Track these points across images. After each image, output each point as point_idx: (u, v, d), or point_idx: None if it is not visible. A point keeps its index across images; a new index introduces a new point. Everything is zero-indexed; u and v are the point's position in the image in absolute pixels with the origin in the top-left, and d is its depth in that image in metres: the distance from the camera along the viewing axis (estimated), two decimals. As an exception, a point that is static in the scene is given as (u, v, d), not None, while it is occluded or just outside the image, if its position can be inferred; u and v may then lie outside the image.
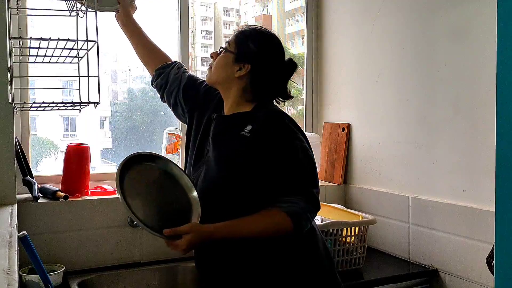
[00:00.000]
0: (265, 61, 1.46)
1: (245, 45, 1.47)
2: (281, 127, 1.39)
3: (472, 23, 1.82)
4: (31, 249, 1.29)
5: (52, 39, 1.34)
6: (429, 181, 2.01)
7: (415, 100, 2.07)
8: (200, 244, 1.34)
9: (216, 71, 1.50)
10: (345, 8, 2.47)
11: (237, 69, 1.46)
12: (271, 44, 1.49)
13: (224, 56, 1.49)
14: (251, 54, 1.46)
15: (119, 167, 1.37)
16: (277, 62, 1.48)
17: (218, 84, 1.52)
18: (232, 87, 1.48)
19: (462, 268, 1.86)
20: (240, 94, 1.48)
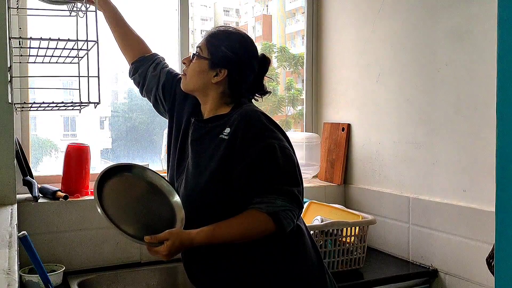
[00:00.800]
0: (241, 64, 1.44)
1: (218, 49, 1.43)
2: (257, 125, 1.36)
3: (473, 23, 1.82)
4: (31, 249, 1.30)
5: (52, 39, 1.34)
6: (429, 181, 2.01)
7: (415, 100, 2.07)
8: (181, 250, 1.34)
9: (192, 79, 1.46)
10: (345, 8, 2.47)
11: (213, 75, 1.43)
12: (244, 45, 1.47)
13: (198, 63, 1.45)
14: (227, 59, 1.42)
15: (96, 180, 1.35)
16: (251, 62, 1.46)
17: (195, 90, 1.48)
18: (210, 93, 1.46)
19: (462, 268, 1.86)
20: (218, 98, 1.45)
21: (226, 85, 1.44)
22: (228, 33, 1.48)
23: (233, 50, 1.43)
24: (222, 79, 1.43)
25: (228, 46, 1.43)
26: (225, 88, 1.45)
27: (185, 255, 1.49)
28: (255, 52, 1.49)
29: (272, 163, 1.32)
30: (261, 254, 1.37)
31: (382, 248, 2.24)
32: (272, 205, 1.29)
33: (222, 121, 1.41)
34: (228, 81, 1.44)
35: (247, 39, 1.49)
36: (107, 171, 1.40)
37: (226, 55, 1.43)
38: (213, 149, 1.38)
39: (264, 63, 1.49)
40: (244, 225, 1.32)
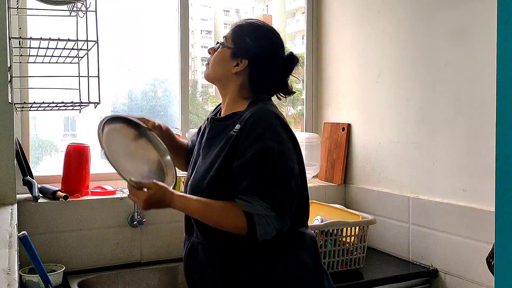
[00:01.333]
0: (262, 56, 1.41)
1: (242, 40, 1.42)
2: (262, 126, 1.31)
3: (472, 23, 1.82)
4: (31, 249, 1.30)
5: (52, 39, 1.34)
6: (429, 181, 2.01)
7: (415, 100, 2.07)
8: (159, 205, 1.31)
9: (213, 67, 1.46)
10: (345, 8, 2.47)
11: (234, 64, 1.41)
12: (268, 38, 1.44)
13: (221, 52, 1.44)
14: (248, 49, 1.41)
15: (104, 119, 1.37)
16: (275, 57, 1.43)
17: (216, 80, 1.47)
18: (229, 84, 1.44)
19: (462, 268, 1.86)
20: (237, 90, 1.43)
21: (246, 77, 1.42)
22: (255, 25, 1.46)
23: (256, 41, 1.42)
24: (242, 69, 1.41)
25: (251, 37, 1.42)
26: (244, 79, 1.42)
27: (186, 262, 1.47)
28: (280, 48, 1.45)
29: (264, 166, 1.28)
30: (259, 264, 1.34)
31: (382, 248, 2.24)
32: (250, 206, 1.25)
33: (236, 118, 1.39)
34: (248, 72, 1.41)
35: (274, 33, 1.46)
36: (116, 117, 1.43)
37: (248, 45, 1.41)
38: (222, 146, 1.36)
39: (291, 62, 1.45)
40: (220, 212, 1.29)
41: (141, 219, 1.99)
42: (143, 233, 2.04)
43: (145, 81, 2.48)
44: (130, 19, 2.31)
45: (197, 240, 1.41)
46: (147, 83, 2.48)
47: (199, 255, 1.41)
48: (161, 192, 1.30)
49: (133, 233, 2.02)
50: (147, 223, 2.02)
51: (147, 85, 2.48)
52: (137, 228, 2.02)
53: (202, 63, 2.77)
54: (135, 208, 1.98)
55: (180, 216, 2.09)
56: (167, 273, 2.03)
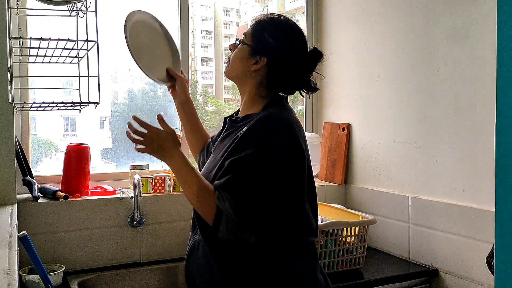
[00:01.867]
0: (282, 54, 1.37)
1: (261, 36, 1.38)
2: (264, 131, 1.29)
3: (472, 23, 1.82)
4: (31, 249, 1.30)
5: (52, 39, 1.35)
6: (429, 181, 2.01)
7: (415, 100, 2.07)
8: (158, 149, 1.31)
9: (233, 65, 1.42)
10: (345, 8, 2.47)
11: (253, 62, 1.38)
12: (288, 34, 1.40)
13: (241, 49, 1.41)
14: (267, 47, 1.37)
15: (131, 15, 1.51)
16: (296, 53, 1.38)
17: (235, 78, 1.44)
18: (248, 81, 1.41)
19: (462, 268, 1.86)
20: (256, 88, 1.40)
21: (264, 75, 1.38)
22: (275, 21, 1.41)
23: (275, 38, 1.37)
24: (261, 67, 1.37)
25: (271, 34, 1.38)
26: (263, 78, 1.38)
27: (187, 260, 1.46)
28: (302, 44, 1.41)
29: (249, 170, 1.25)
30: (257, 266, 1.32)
31: (382, 248, 2.24)
32: (221, 202, 1.25)
33: (249, 120, 1.36)
34: (267, 70, 1.37)
35: (295, 29, 1.41)
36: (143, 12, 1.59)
37: (267, 42, 1.37)
38: (227, 146, 1.35)
39: (314, 57, 1.40)
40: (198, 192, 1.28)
41: (141, 219, 1.99)
42: (143, 233, 2.04)
43: (145, 81, 2.48)
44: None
45: (198, 237, 1.41)
46: (147, 83, 2.48)
47: (199, 253, 1.40)
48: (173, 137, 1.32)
49: (133, 233, 2.02)
50: (147, 223, 2.02)
51: (147, 85, 2.48)
52: (137, 228, 2.02)
53: (202, 63, 2.77)
54: (135, 208, 1.98)
55: (180, 216, 2.10)
56: (167, 273, 2.03)
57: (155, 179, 2.11)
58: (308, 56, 1.41)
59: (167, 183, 2.11)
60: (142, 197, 2.00)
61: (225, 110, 2.70)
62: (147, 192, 2.08)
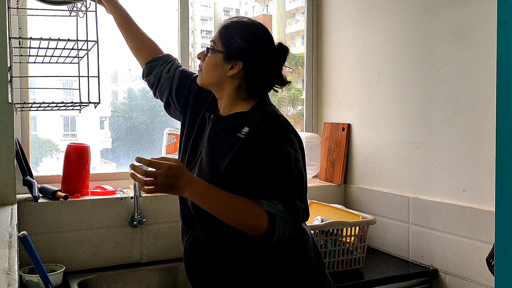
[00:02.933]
0: (256, 54, 1.39)
1: (232, 41, 1.39)
2: (278, 131, 1.33)
3: (472, 23, 1.82)
4: (31, 249, 1.30)
5: (52, 39, 1.34)
6: (429, 181, 2.01)
7: (415, 100, 2.07)
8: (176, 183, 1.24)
9: (207, 73, 1.43)
10: (345, 8, 2.47)
11: (229, 67, 1.39)
12: (259, 35, 1.42)
13: (213, 56, 1.41)
14: (241, 50, 1.38)
15: None
16: (267, 52, 1.41)
17: (211, 85, 1.45)
18: (225, 87, 1.42)
19: (462, 268, 1.86)
20: (235, 92, 1.41)
21: (242, 78, 1.40)
22: (241, 23, 1.42)
23: (247, 40, 1.39)
24: (238, 71, 1.38)
25: (242, 37, 1.39)
26: (241, 81, 1.40)
27: (187, 255, 1.46)
28: (270, 42, 1.43)
29: (284, 172, 1.29)
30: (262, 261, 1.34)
31: (382, 248, 2.24)
32: (272, 207, 1.26)
33: (241, 119, 1.38)
34: (244, 73, 1.39)
35: (262, 28, 1.44)
36: None
37: (240, 46, 1.38)
38: (229, 147, 1.34)
39: (282, 53, 1.43)
40: (241, 208, 1.27)
41: (141, 219, 1.99)
42: (143, 233, 2.04)
43: (145, 81, 2.48)
44: (130, 19, 2.31)
45: (199, 233, 1.40)
46: (147, 83, 2.48)
47: (200, 248, 1.40)
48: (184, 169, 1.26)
49: (133, 233, 2.02)
50: (147, 223, 2.02)
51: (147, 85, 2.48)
52: (137, 228, 2.02)
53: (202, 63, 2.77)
54: (135, 208, 1.98)
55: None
56: (167, 273, 2.03)
57: (155, 179, 2.11)
58: (277, 52, 1.43)
59: (167, 183, 2.11)
60: (142, 197, 2.00)
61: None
62: (147, 192, 2.08)
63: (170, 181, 1.23)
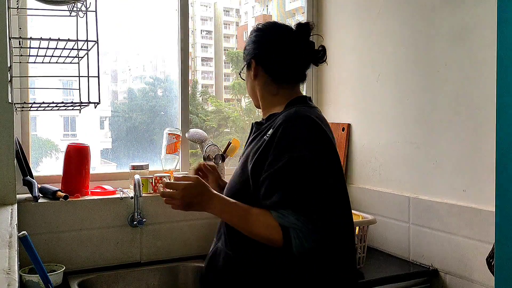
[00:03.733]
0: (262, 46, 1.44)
1: (245, 51, 1.50)
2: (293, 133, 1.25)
3: (472, 23, 1.82)
4: (31, 249, 1.29)
5: (52, 39, 1.34)
6: (429, 181, 2.01)
7: (415, 100, 2.07)
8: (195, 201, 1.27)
9: (251, 96, 1.53)
10: (345, 8, 2.47)
11: (251, 73, 1.47)
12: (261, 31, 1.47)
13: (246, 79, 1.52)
14: (250, 51, 1.46)
15: None
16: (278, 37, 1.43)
17: (253, 99, 1.52)
18: (257, 91, 1.48)
19: (462, 268, 1.86)
20: (264, 90, 1.45)
21: (263, 73, 1.45)
22: (251, 32, 1.50)
23: (252, 41, 1.47)
24: (255, 69, 1.45)
25: (249, 42, 1.48)
26: (266, 77, 1.44)
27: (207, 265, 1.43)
28: (280, 28, 1.45)
29: (296, 177, 1.21)
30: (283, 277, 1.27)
31: (382, 248, 2.24)
32: (283, 218, 1.20)
33: (271, 120, 1.38)
34: (261, 67, 1.44)
35: (266, 24, 1.49)
36: None
37: (248, 49, 1.48)
38: (255, 150, 1.32)
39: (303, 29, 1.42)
40: (254, 221, 1.24)
41: (141, 219, 1.99)
42: (143, 233, 2.04)
43: (145, 81, 2.48)
44: (130, 19, 2.31)
45: (222, 247, 1.38)
46: (147, 83, 2.48)
47: (220, 262, 1.37)
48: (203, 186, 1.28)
49: (133, 233, 2.02)
50: (147, 223, 2.02)
51: (147, 85, 2.48)
52: (137, 228, 2.02)
53: (202, 63, 2.76)
54: (135, 208, 1.98)
55: (180, 216, 2.09)
56: (167, 273, 2.03)
57: (155, 179, 2.11)
58: (296, 33, 1.42)
59: (167, 183, 2.11)
60: (142, 197, 2.00)
61: (225, 110, 2.70)
62: (147, 192, 2.08)
63: (187, 201, 1.27)
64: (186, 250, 2.12)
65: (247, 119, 2.76)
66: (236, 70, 2.70)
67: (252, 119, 2.71)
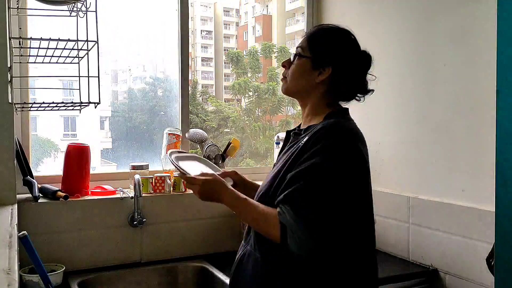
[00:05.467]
0: (345, 60, 1.37)
1: (321, 47, 1.37)
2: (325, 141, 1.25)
3: (472, 24, 1.82)
4: (31, 249, 1.30)
5: (52, 39, 1.34)
6: (429, 181, 2.01)
7: (415, 100, 2.07)
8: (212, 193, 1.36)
9: (294, 80, 1.39)
10: (345, 9, 2.47)
11: (317, 74, 1.36)
12: (347, 40, 1.39)
13: (300, 63, 1.38)
14: (330, 56, 1.35)
15: None
16: (356, 57, 1.39)
17: (297, 93, 1.42)
18: (312, 94, 1.39)
19: (462, 268, 1.86)
20: (320, 98, 1.39)
21: (329, 84, 1.37)
22: (331, 29, 1.40)
23: (336, 45, 1.37)
24: (326, 77, 1.36)
25: (331, 43, 1.37)
26: (327, 87, 1.37)
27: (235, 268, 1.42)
28: (358, 47, 1.41)
29: (310, 182, 1.21)
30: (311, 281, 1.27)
31: (382, 248, 2.24)
32: (282, 215, 1.22)
33: (309, 131, 1.34)
34: (331, 79, 1.36)
35: (350, 34, 1.41)
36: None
37: (329, 51, 1.36)
38: (289, 157, 1.32)
39: (367, 59, 1.41)
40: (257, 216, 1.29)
41: (141, 219, 1.99)
42: (143, 233, 2.04)
43: (145, 81, 2.48)
44: (130, 19, 2.32)
45: (250, 249, 1.37)
46: (147, 83, 2.49)
47: (248, 264, 1.36)
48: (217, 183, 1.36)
49: (133, 233, 2.02)
50: (147, 223, 2.03)
51: (147, 85, 2.48)
52: (137, 228, 2.02)
53: (202, 63, 2.77)
54: (135, 208, 1.98)
55: (180, 216, 2.10)
56: (167, 273, 2.03)
57: (155, 179, 2.11)
58: (363, 58, 1.42)
59: (167, 183, 2.11)
60: (142, 197, 2.00)
61: (225, 110, 2.70)
62: (147, 192, 2.08)
63: (205, 196, 1.37)
64: (186, 250, 2.12)
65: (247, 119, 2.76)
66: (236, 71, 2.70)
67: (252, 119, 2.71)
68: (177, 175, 1.55)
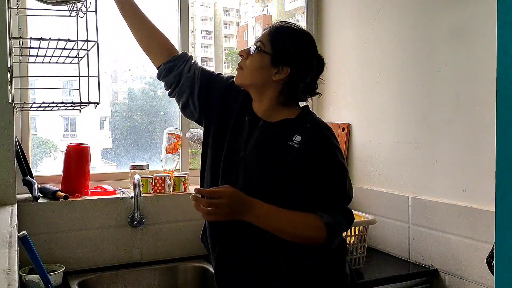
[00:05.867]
0: (304, 62, 1.38)
1: (282, 46, 1.37)
2: (332, 143, 1.37)
3: (472, 23, 1.82)
4: (31, 249, 1.29)
5: (52, 39, 1.34)
6: (429, 181, 2.01)
7: (415, 100, 2.07)
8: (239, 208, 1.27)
9: (251, 73, 1.39)
10: (345, 8, 2.47)
11: (274, 72, 1.36)
12: (309, 43, 1.41)
13: (260, 58, 1.37)
14: (290, 57, 1.36)
15: None
16: (313, 61, 1.41)
17: (252, 86, 1.41)
18: (267, 90, 1.39)
19: (462, 268, 1.86)
20: (275, 97, 1.39)
21: (285, 84, 1.38)
22: (294, 30, 1.41)
23: (298, 47, 1.38)
24: (284, 77, 1.36)
25: (293, 43, 1.37)
26: (283, 86, 1.38)
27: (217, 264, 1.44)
28: (316, 51, 1.43)
29: (341, 184, 1.36)
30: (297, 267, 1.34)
31: (382, 248, 2.24)
32: (333, 219, 1.31)
33: (289, 126, 1.37)
34: (288, 79, 1.37)
35: (311, 37, 1.43)
36: None
37: (290, 52, 1.36)
38: (280, 154, 1.33)
39: (322, 64, 1.44)
40: (299, 223, 1.30)
41: (141, 219, 1.99)
42: (143, 233, 2.04)
43: (145, 81, 2.48)
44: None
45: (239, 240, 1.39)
46: (147, 83, 2.48)
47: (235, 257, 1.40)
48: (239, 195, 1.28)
49: (133, 233, 2.02)
50: (147, 223, 2.02)
51: (147, 85, 2.48)
52: (137, 228, 2.02)
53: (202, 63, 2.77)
54: (135, 208, 1.98)
55: (180, 216, 2.09)
56: (167, 273, 2.03)
57: (155, 179, 2.11)
58: (319, 62, 1.43)
59: (167, 183, 2.11)
60: (142, 197, 2.00)
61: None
62: (147, 192, 2.08)
63: (232, 209, 1.27)
64: (186, 250, 2.12)
65: (247, 119, 2.76)
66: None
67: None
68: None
